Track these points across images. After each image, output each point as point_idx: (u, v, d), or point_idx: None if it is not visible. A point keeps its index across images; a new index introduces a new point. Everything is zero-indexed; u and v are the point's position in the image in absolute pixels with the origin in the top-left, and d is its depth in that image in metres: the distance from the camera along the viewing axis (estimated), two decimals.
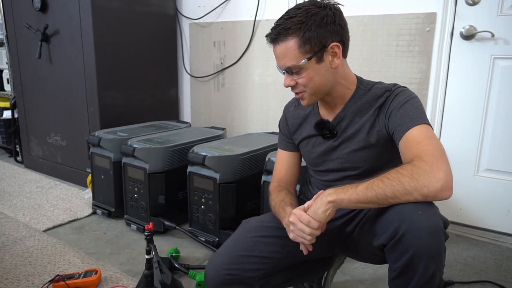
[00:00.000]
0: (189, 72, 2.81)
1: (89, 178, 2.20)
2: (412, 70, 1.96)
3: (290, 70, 1.02)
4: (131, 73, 2.47)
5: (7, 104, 3.04)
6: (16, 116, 2.94)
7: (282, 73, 1.05)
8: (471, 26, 1.82)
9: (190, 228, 1.87)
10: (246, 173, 1.78)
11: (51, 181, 2.65)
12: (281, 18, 1.01)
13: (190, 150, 1.80)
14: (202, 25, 2.66)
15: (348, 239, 1.14)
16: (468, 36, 1.84)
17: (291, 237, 1.01)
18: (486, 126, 1.88)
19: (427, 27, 1.89)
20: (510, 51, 1.78)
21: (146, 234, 1.40)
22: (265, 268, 1.08)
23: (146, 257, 1.39)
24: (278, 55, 1.03)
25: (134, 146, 1.88)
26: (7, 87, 3.14)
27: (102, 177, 2.10)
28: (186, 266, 1.56)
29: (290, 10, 1.02)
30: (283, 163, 1.26)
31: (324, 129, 1.11)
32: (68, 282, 1.44)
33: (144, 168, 1.87)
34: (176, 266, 1.55)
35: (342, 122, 1.09)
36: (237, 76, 2.58)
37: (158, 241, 1.79)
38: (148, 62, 2.57)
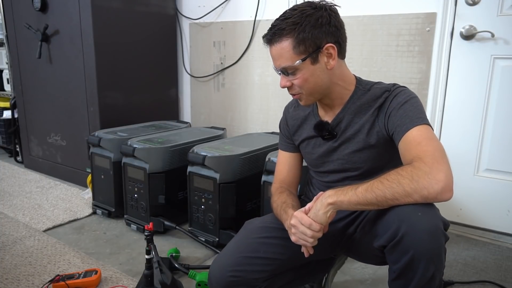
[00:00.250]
0: (189, 72, 2.81)
1: (89, 178, 2.20)
2: (412, 70, 1.96)
3: (286, 71, 1.03)
4: (131, 73, 2.47)
5: (7, 104, 3.04)
6: (16, 116, 2.94)
7: (279, 73, 1.06)
8: (471, 26, 1.82)
9: (190, 228, 1.87)
10: (246, 173, 1.78)
11: (51, 181, 2.65)
12: (277, 19, 1.02)
13: (190, 150, 1.80)
14: (202, 25, 2.66)
15: (349, 240, 1.14)
16: (468, 36, 1.84)
17: (293, 240, 1.01)
18: (486, 126, 1.88)
19: (427, 27, 1.89)
20: (510, 51, 1.78)
21: (146, 234, 1.40)
22: (269, 269, 1.08)
23: (146, 257, 1.39)
24: (274, 56, 1.03)
25: (134, 146, 1.88)
26: (7, 87, 3.14)
27: (102, 177, 2.10)
28: (186, 266, 1.56)
29: (286, 11, 1.02)
30: (284, 164, 1.26)
31: (323, 130, 1.11)
32: (68, 282, 1.44)
33: (144, 168, 1.87)
34: (176, 266, 1.55)
35: (342, 123, 1.09)
36: (237, 76, 2.58)
37: (158, 241, 1.79)
38: (148, 62, 2.57)
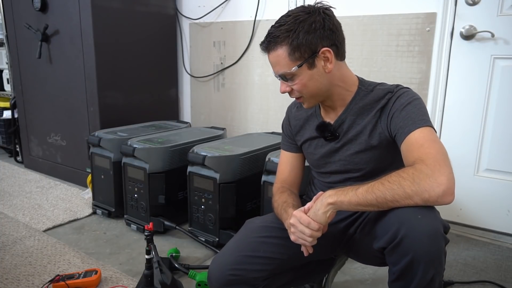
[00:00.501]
0: (189, 72, 2.81)
1: (89, 178, 2.20)
2: (412, 70, 1.96)
3: (284, 77, 1.04)
4: (131, 73, 2.47)
5: (7, 104, 3.04)
6: (16, 116, 2.94)
7: (279, 79, 1.07)
8: (471, 26, 1.82)
9: (190, 228, 1.87)
10: (246, 173, 1.78)
11: (51, 181, 2.65)
12: (272, 26, 1.03)
13: (190, 150, 1.80)
14: (202, 25, 2.66)
15: (350, 241, 1.14)
16: (468, 36, 1.84)
17: (292, 239, 1.01)
18: (486, 126, 1.88)
19: (427, 27, 1.89)
20: (510, 51, 1.78)
21: (146, 234, 1.40)
22: (269, 268, 1.08)
23: (146, 257, 1.39)
24: (272, 63, 1.05)
25: (134, 146, 1.88)
26: (7, 87, 3.14)
27: (102, 177, 2.10)
28: (186, 266, 1.56)
29: (281, 17, 1.02)
30: (286, 164, 1.26)
31: (325, 131, 1.11)
32: (68, 282, 1.44)
33: (144, 168, 1.87)
34: (176, 266, 1.55)
35: (344, 124, 1.09)
36: (237, 76, 2.58)
37: (158, 241, 1.79)
38: (148, 62, 2.57)
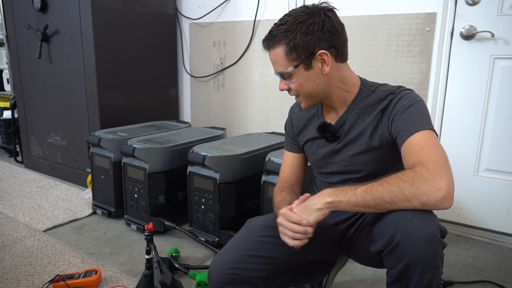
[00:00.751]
0: (189, 72, 2.81)
1: (89, 178, 2.20)
2: (412, 70, 1.96)
3: (282, 76, 1.05)
4: (131, 73, 2.47)
5: (7, 104, 3.04)
6: (16, 116, 2.94)
7: (278, 76, 1.08)
8: (471, 26, 1.82)
9: (190, 228, 1.87)
10: (246, 173, 1.78)
11: (51, 181, 2.65)
12: (274, 24, 1.03)
13: (190, 150, 1.80)
14: (202, 25, 2.66)
15: (349, 243, 1.14)
16: (468, 36, 1.84)
17: (282, 238, 1.00)
18: (486, 126, 1.88)
19: (427, 27, 1.89)
20: (510, 51, 1.78)
21: (146, 234, 1.40)
22: (269, 268, 1.08)
23: (146, 257, 1.39)
24: (271, 61, 1.05)
25: (134, 146, 1.88)
26: (7, 87, 3.14)
27: (102, 177, 2.10)
28: (186, 266, 1.56)
29: (283, 16, 1.03)
30: (288, 164, 1.26)
31: (326, 132, 1.11)
32: (68, 282, 1.44)
33: (144, 168, 1.87)
34: (176, 266, 1.55)
35: (345, 125, 1.09)
36: (237, 76, 2.58)
37: (158, 241, 1.79)
38: (148, 62, 2.57)
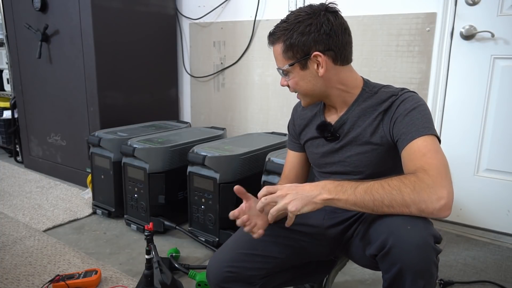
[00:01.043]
0: (189, 72, 2.81)
1: (89, 178, 2.20)
2: (412, 70, 1.96)
3: (282, 72, 1.06)
4: (131, 73, 2.47)
5: (7, 104, 3.04)
6: (16, 116, 2.94)
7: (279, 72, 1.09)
8: (471, 26, 1.82)
9: (190, 228, 1.87)
10: (246, 173, 1.78)
11: (51, 181, 2.65)
12: (280, 20, 1.04)
13: (190, 150, 1.80)
14: (202, 25, 2.66)
15: (347, 244, 1.14)
16: (468, 36, 1.84)
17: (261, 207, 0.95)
18: (486, 126, 1.88)
19: (427, 27, 1.89)
20: (510, 51, 1.78)
21: (146, 234, 1.40)
22: (267, 267, 1.08)
23: (146, 257, 1.39)
24: (274, 57, 1.07)
25: (134, 146, 1.88)
26: (7, 87, 3.14)
27: (102, 177, 2.10)
28: (186, 266, 1.56)
29: (288, 14, 1.04)
30: (289, 163, 1.27)
31: (325, 131, 1.11)
32: (68, 282, 1.44)
33: (144, 168, 1.87)
34: (176, 266, 1.55)
35: (345, 125, 1.08)
36: (237, 76, 2.58)
37: (158, 241, 1.79)
38: (148, 62, 2.57)
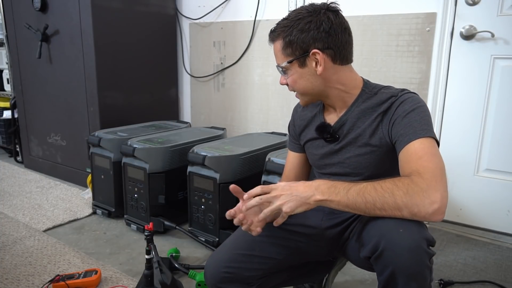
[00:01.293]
0: (189, 72, 2.81)
1: (89, 178, 2.20)
2: (412, 70, 1.96)
3: (281, 69, 1.06)
4: (131, 73, 2.47)
5: (7, 104, 3.04)
6: (16, 116, 2.94)
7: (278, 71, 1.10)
8: (471, 26, 1.82)
9: (190, 228, 1.87)
10: (246, 173, 1.78)
11: (51, 181, 2.65)
12: (282, 18, 1.05)
13: (190, 150, 1.80)
14: (202, 25, 2.66)
15: (344, 245, 1.14)
16: (468, 36, 1.84)
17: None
18: (486, 126, 1.88)
19: (427, 27, 1.89)
20: (510, 51, 1.78)
21: (146, 234, 1.40)
22: (264, 268, 1.08)
23: (146, 257, 1.39)
24: (274, 53, 1.07)
25: (134, 146, 1.88)
26: (7, 87, 3.14)
27: (102, 177, 2.10)
28: (186, 266, 1.56)
29: (290, 11, 1.04)
30: (289, 163, 1.27)
31: (324, 132, 1.10)
32: (68, 282, 1.44)
33: (144, 168, 1.87)
34: (176, 266, 1.55)
35: (344, 126, 1.07)
36: (237, 76, 2.58)
37: (158, 241, 1.79)
38: (148, 62, 2.57)
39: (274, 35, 1.04)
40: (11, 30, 2.72)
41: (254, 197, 0.95)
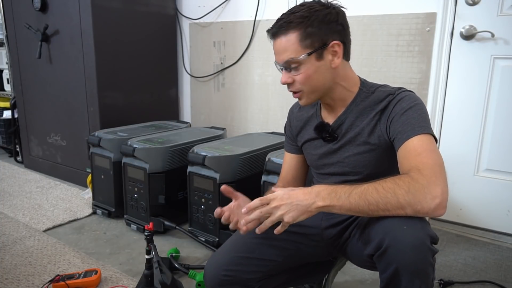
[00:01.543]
0: (189, 72, 2.81)
1: (89, 178, 2.20)
2: (412, 70, 1.96)
3: (289, 66, 1.00)
4: (131, 73, 2.47)
5: (7, 104, 3.04)
6: (16, 116, 2.94)
7: (280, 70, 1.03)
8: (471, 26, 1.82)
9: (190, 228, 1.87)
10: (246, 173, 1.78)
11: (51, 181, 2.65)
12: (284, 14, 1.01)
13: (190, 150, 1.80)
14: (202, 25, 2.66)
15: (345, 245, 1.14)
16: (468, 36, 1.84)
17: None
18: (486, 126, 1.88)
19: (427, 27, 1.89)
20: (510, 51, 1.78)
21: (146, 234, 1.40)
22: (264, 270, 1.08)
23: (146, 257, 1.39)
24: (278, 50, 1.01)
25: (134, 146, 1.88)
26: (7, 87, 3.14)
27: (102, 177, 2.10)
28: (186, 266, 1.56)
29: (294, 7, 1.01)
30: (286, 164, 1.26)
31: (323, 132, 1.09)
32: (68, 282, 1.44)
33: (144, 168, 1.87)
34: (176, 266, 1.55)
35: (343, 125, 1.07)
36: (237, 76, 2.58)
37: (158, 241, 1.79)
38: (148, 62, 2.57)
39: (288, 27, 0.97)
40: (11, 30, 2.72)
41: (253, 209, 0.92)
